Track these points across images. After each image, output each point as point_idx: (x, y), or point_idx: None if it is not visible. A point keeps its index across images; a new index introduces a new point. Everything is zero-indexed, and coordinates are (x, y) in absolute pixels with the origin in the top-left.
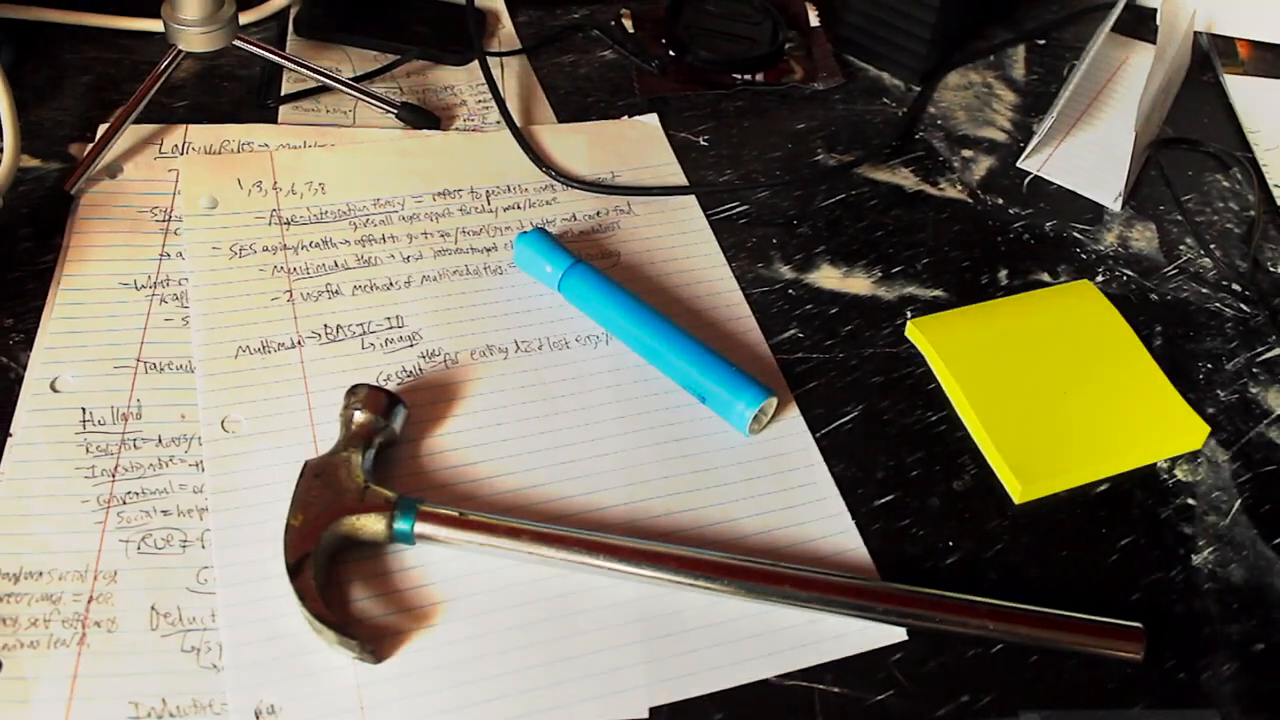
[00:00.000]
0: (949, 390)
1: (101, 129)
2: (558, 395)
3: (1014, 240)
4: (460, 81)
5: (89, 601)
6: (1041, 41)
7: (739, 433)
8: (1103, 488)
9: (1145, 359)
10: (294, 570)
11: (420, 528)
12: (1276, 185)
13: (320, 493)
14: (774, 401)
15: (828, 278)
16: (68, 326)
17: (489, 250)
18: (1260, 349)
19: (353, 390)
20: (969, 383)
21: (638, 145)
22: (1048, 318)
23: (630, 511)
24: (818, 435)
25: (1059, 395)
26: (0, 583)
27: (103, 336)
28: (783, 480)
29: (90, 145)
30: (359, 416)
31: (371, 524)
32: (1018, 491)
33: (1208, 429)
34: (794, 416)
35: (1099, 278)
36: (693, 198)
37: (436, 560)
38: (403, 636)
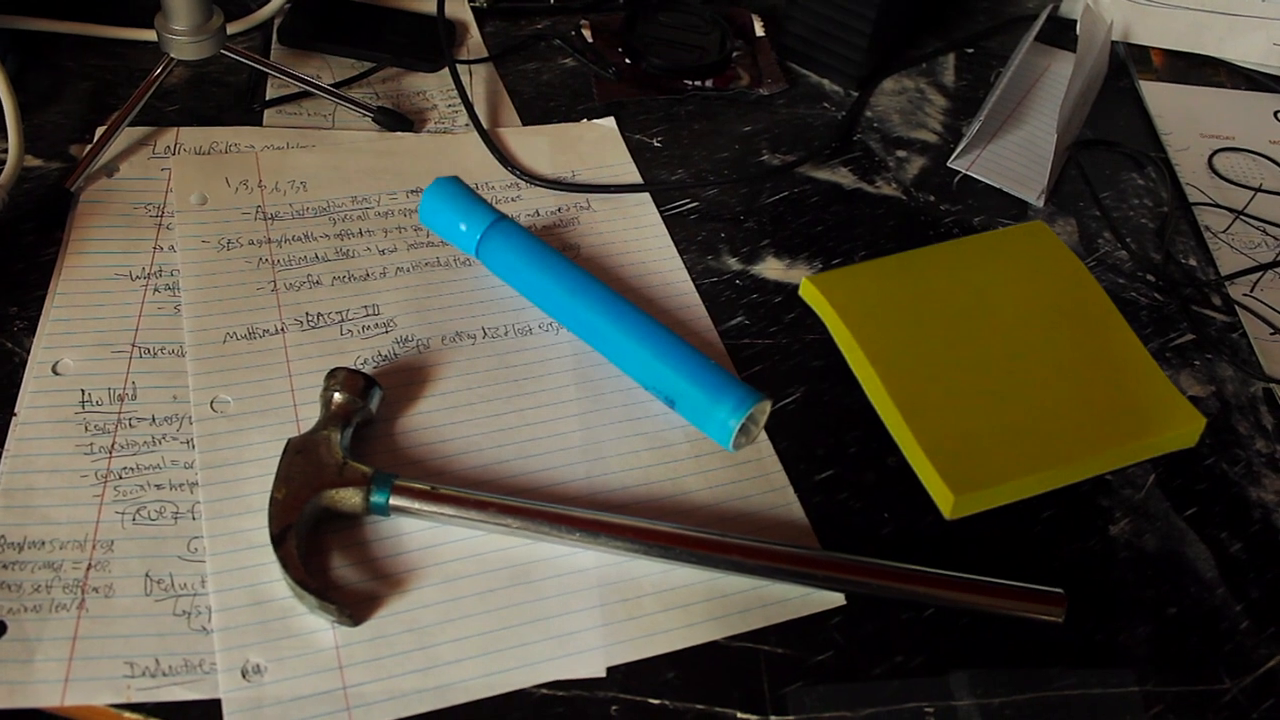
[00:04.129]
0: (857, 367)
1: (99, 131)
2: (522, 378)
3: (944, 234)
4: (432, 87)
5: (88, 569)
6: (970, 50)
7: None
8: None
9: (1116, 321)
10: (277, 540)
11: (395, 500)
12: (1187, 183)
13: (302, 468)
14: (767, 405)
15: (772, 269)
16: (68, 314)
17: None
18: (1173, 335)
19: (332, 373)
20: (883, 356)
21: (596, 146)
22: (990, 270)
23: (590, 485)
24: None
25: (1005, 374)
26: (5, 551)
27: (101, 324)
28: (731, 456)
29: (89, 146)
30: (338, 397)
31: (349, 497)
32: (948, 504)
33: (1203, 420)
34: None
35: None
36: (647, 195)
37: (409, 530)
38: (379, 601)
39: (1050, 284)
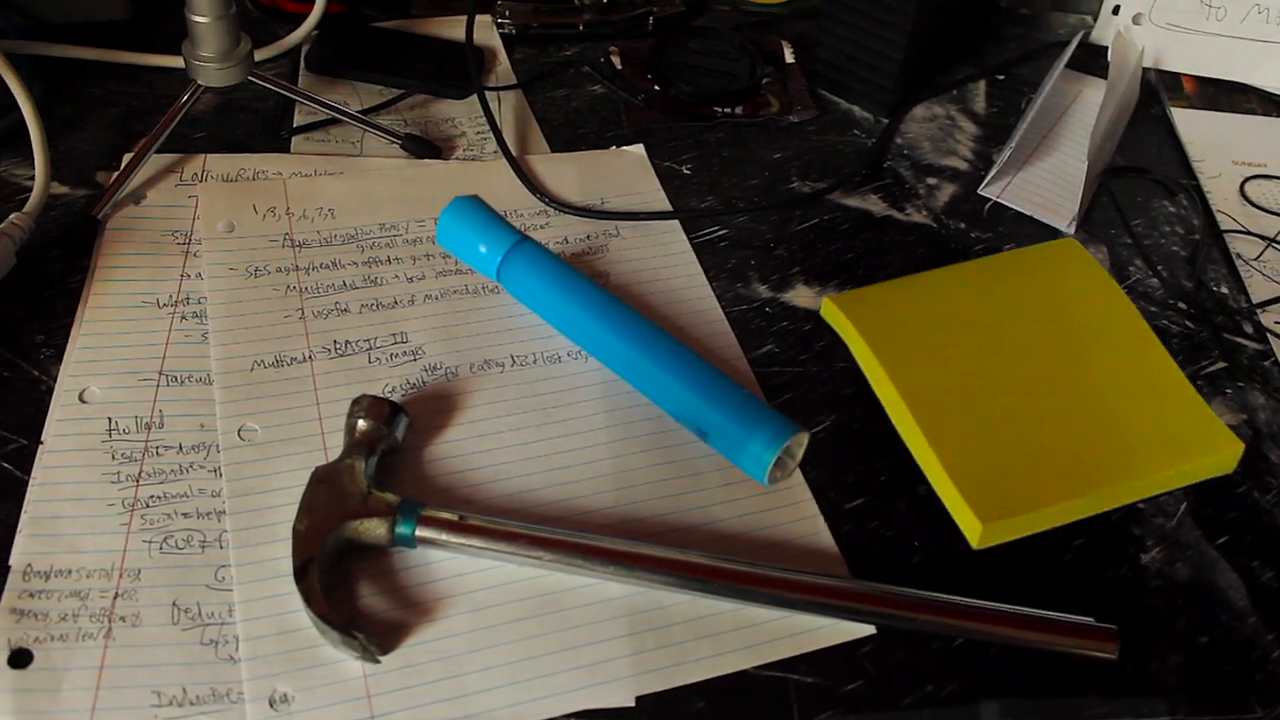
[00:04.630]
0: (880, 390)
1: (126, 158)
2: (550, 406)
3: None
4: (460, 114)
5: (115, 598)
6: (1001, 77)
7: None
8: None
9: (1151, 343)
10: (299, 573)
11: (421, 531)
12: (1219, 210)
13: (325, 498)
14: (804, 438)
15: (802, 296)
16: (95, 342)
17: None
18: (1205, 363)
19: (357, 400)
20: (908, 378)
21: (625, 173)
22: (1020, 289)
23: (620, 514)
24: None
25: (1035, 397)
26: (32, 580)
27: (127, 351)
28: (760, 484)
29: (116, 173)
30: (362, 425)
31: (374, 528)
32: (976, 534)
33: (1241, 445)
34: None
35: None
36: (676, 222)
37: (436, 559)
38: (406, 630)
39: (1082, 303)
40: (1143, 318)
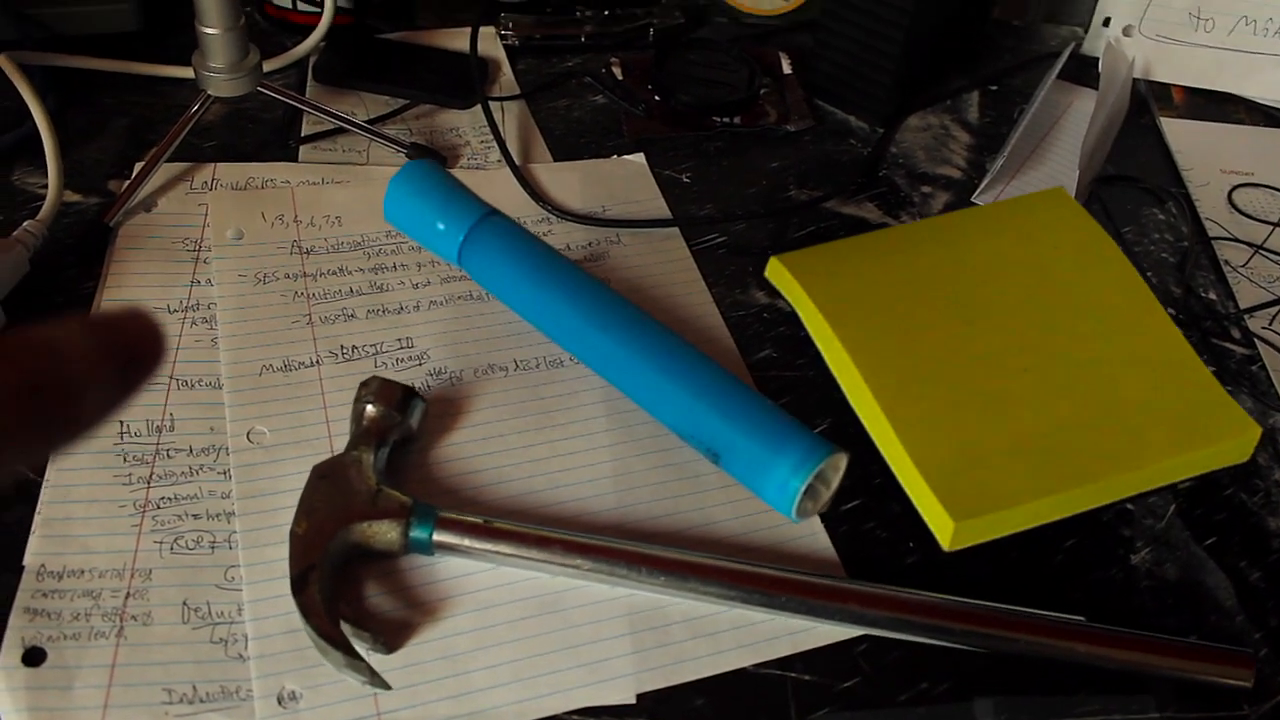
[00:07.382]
0: (836, 367)
1: (138, 167)
2: (553, 410)
3: None
4: (464, 124)
5: (126, 597)
6: (994, 88)
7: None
8: None
9: (1152, 309)
10: (298, 584)
11: (440, 536)
12: (1207, 218)
13: (327, 497)
14: (842, 460)
15: None
16: None
17: None
18: None
19: (365, 383)
20: (869, 351)
21: (626, 182)
22: (1000, 248)
23: (620, 515)
24: None
25: (1018, 373)
26: (45, 580)
27: None
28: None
29: (127, 182)
30: (371, 410)
31: (384, 532)
32: (947, 533)
33: (1258, 429)
34: None
35: None
36: (676, 229)
37: (440, 559)
38: (410, 630)
39: (1073, 265)
40: (1144, 281)
